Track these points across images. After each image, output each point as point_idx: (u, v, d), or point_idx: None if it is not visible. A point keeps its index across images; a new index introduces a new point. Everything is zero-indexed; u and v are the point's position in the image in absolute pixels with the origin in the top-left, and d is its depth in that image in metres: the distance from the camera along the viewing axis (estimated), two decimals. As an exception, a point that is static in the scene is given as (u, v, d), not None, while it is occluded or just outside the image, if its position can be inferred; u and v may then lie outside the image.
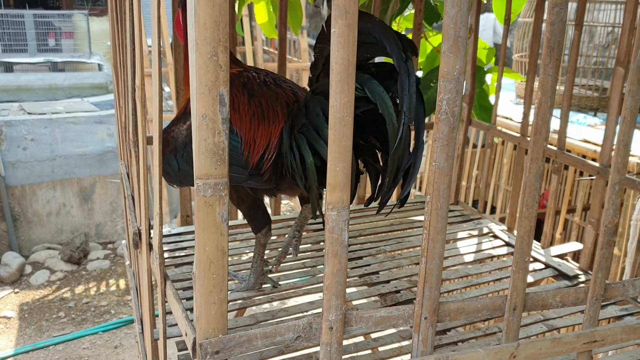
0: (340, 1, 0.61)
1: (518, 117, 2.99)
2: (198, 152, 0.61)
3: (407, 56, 0.87)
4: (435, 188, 0.70)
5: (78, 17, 8.90)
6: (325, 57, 1.02)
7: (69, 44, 8.81)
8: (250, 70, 1.16)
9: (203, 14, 0.57)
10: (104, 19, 9.41)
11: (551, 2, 0.67)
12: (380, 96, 0.91)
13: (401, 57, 0.87)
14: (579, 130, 2.82)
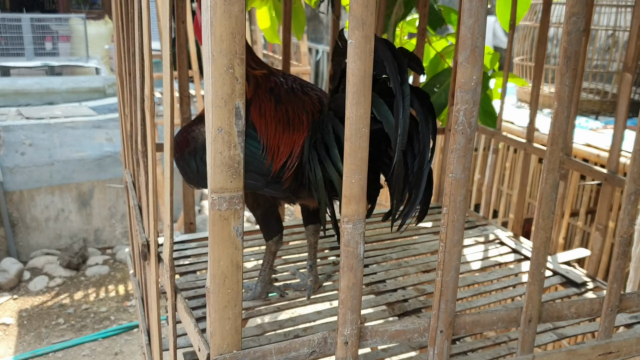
0: (357, 12, 0.60)
1: (520, 121, 2.98)
2: (213, 166, 0.60)
3: (404, 79, 0.86)
4: (452, 200, 0.69)
5: (75, 20, 8.88)
6: (342, 68, 1.01)
7: (66, 48, 8.79)
8: (277, 74, 1.15)
9: (219, 26, 0.56)
10: (101, 23, 9.39)
11: (568, 11, 0.66)
12: (385, 116, 0.90)
13: (397, 79, 0.86)
14: (581, 134, 2.81)
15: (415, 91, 0.92)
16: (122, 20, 1.13)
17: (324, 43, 8.63)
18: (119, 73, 1.18)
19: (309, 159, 1.04)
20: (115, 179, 4.69)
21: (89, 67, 7.94)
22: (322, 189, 1.02)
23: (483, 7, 0.63)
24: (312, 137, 1.05)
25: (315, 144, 1.03)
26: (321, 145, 1.02)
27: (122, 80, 1.19)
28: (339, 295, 0.68)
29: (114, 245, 4.74)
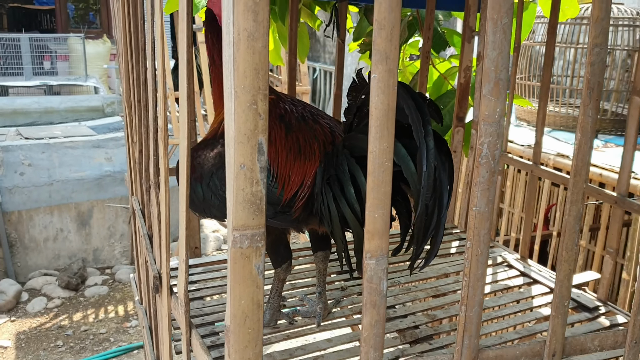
0: (380, 46, 0.59)
1: (520, 139, 2.98)
2: (235, 203, 0.58)
3: (427, 131, 0.85)
4: (476, 233, 0.67)
5: (74, 40, 8.90)
6: (357, 105, 1.00)
7: (65, 67, 8.80)
8: (286, 100, 1.14)
9: (243, 61, 0.55)
10: (99, 42, 9.42)
11: (591, 42, 0.66)
12: (404, 160, 0.89)
13: (420, 131, 0.84)
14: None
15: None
16: (131, 47, 1.12)
17: (321, 61, 8.67)
18: (127, 99, 1.17)
19: (322, 193, 1.03)
20: (115, 199, 4.67)
21: (88, 86, 7.95)
22: (338, 227, 1.01)
23: (507, 40, 0.62)
24: (324, 170, 1.04)
25: (329, 180, 1.02)
26: (335, 183, 1.00)
27: (130, 107, 1.18)
28: (361, 333, 0.66)
29: (113, 265, 4.70)
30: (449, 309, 1.38)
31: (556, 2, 1.46)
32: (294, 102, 1.17)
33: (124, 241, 4.78)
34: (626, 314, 1.34)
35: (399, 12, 0.58)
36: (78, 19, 12.99)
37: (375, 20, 0.58)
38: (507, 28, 0.62)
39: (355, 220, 0.99)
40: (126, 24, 1.13)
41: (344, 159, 0.98)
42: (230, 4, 0.54)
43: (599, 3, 0.65)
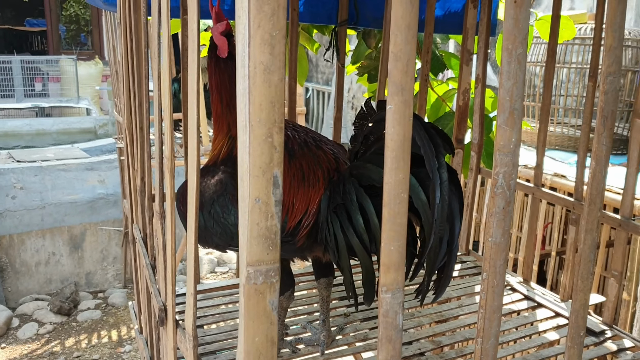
0: (396, 78, 0.58)
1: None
2: (250, 238, 0.57)
3: (441, 163, 0.84)
4: (492, 265, 0.66)
5: (66, 61, 8.90)
6: (364, 133, 1.00)
7: (57, 89, 8.79)
8: (288, 125, 1.13)
9: (259, 94, 0.54)
10: (91, 64, 9.42)
11: (605, 71, 0.66)
12: (414, 190, 0.88)
13: (434, 163, 0.84)
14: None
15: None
16: (133, 74, 1.11)
17: (314, 81, 8.72)
18: (128, 126, 1.16)
19: (328, 222, 1.01)
20: (108, 221, 4.63)
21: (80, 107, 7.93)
22: (346, 257, 0.99)
23: (522, 70, 0.62)
24: (330, 198, 1.02)
25: (335, 209, 1.00)
26: (342, 212, 0.99)
27: (131, 134, 1.16)
28: (377, 368, 0.64)
29: (106, 289, 4.65)
30: (453, 334, 1.36)
31: (555, 25, 1.47)
32: (296, 127, 1.16)
33: (117, 264, 4.73)
34: (633, 338, 1.33)
35: (414, 45, 0.58)
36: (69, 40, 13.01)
37: (392, 52, 0.58)
38: (522, 58, 0.62)
39: (363, 251, 0.97)
40: (128, 50, 1.12)
41: (351, 188, 0.97)
42: (246, 37, 0.54)
43: (612, 32, 0.65)
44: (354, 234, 0.97)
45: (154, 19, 0.81)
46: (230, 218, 1.07)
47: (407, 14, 0.57)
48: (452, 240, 0.89)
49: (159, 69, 0.80)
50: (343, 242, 0.99)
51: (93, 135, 6.59)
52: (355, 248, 0.98)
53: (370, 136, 0.98)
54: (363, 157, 1.00)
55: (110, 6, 1.40)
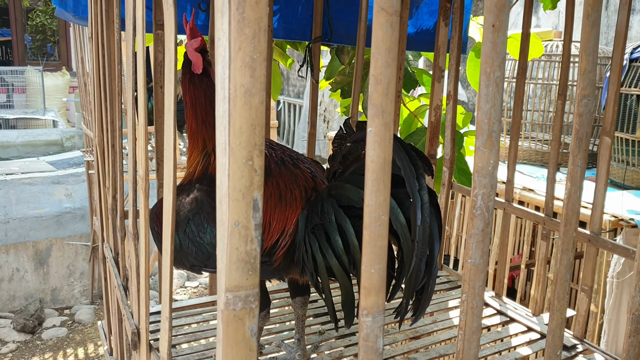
0: (377, 100, 0.58)
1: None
2: (229, 263, 0.56)
3: (422, 185, 0.84)
4: (471, 286, 0.66)
5: (31, 72, 8.72)
6: (342, 152, 0.99)
7: (22, 100, 8.59)
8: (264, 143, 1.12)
9: (239, 117, 0.53)
10: (58, 75, 9.25)
11: (579, 93, 0.67)
12: (393, 211, 0.88)
13: (415, 185, 0.84)
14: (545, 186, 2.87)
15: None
16: (105, 89, 1.09)
17: (285, 94, 8.73)
18: (99, 143, 1.14)
19: (305, 242, 1.00)
20: (75, 236, 4.52)
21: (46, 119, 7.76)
22: (325, 278, 0.98)
23: (499, 93, 0.63)
24: (308, 218, 1.01)
25: (314, 229, 1.00)
26: (321, 233, 0.98)
27: (102, 151, 1.14)
28: (357, 393, 0.63)
29: (72, 305, 4.53)
30: (428, 351, 1.36)
31: (525, 44, 1.50)
32: (272, 145, 1.15)
33: (84, 280, 4.62)
34: (603, 352, 1.35)
35: (395, 68, 0.58)
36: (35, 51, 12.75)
37: (372, 75, 0.58)
38: (499, 81, 0.62)
39: (342, 273, 0.97)
40: (100, 66, 1.10)
41: (330, 208, 0.96)
42: (227, 59, 0.53)
43: (586, 56, 0.66)
44: (332, 255, 0.96)
45: (129, 34, 0.80)
46: (206, 237, 1.06)
47: (388, 38, 0.57)
48: (432, 262, 0.89)
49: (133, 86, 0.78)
50: (322, 264, 0.98)
51: (60, 148, 6.45)
52: (334, 269, 0.97)
53: (348, 156, 0.98)
54: (341, 176, 1.00)
55: (81, 20, 1.38)
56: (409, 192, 0.86)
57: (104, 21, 1.03)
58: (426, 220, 0.84)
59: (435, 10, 1.77)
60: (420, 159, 0.90)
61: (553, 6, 1.54)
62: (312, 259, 1.01)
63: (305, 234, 1.03)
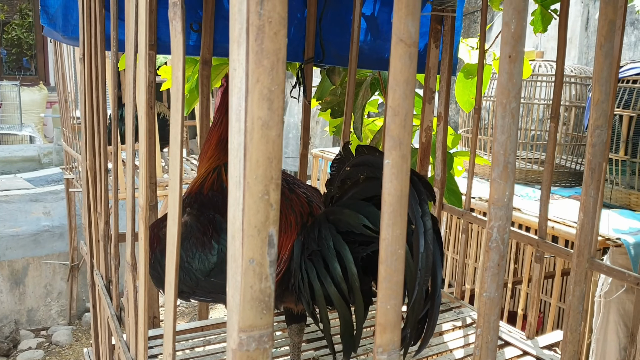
0: (394, 132, 0.57)
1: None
2: (242, 302, 0.53)
3: (424, 210, 0.83)
4: (486, 320, 0.65)
5: (8, 87, 8.58)
6: (341, 177, 0.98)
7: (-2, 115, 8.45)
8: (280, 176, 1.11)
9: (256, 150, 0.51)
10: (35, 90, 9.12)
11: (592, 124, 0.66)
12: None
13: (418, 211, 0.83)
14: (530, 205, 2.89)
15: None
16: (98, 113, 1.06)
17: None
18: (90, 167, 1.11)
19: (301, 269, 0.98)
20: (53, 255, 4.42)
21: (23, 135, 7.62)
22: (324, 307, 0.96)
23: (515, 124, 0.62)
24: (304, 244, 0.99)
25: (310, 256, 0.97)
26: (319, 259, 0.96)
27: (93, 175, 1.10)
28: None
29: (49, 326, 4.42)
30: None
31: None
32: None
33: (62, 300, 4.51)
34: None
35: (412, 100, 0.57)
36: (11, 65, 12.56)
37: (390, 106, 0.56)
38: (515, 112, 0.62)
39: (341, 301, 0.94)
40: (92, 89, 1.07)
41: (328, 234, 0.94)
42: (243, 91, 0.51)
43: (600, 86, 0.65)
44: (331, 283, 0.94)
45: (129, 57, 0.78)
46: (195, 263, 1.03)
47: (406, 69, 0.56)
48: (435, 289, 0.87)
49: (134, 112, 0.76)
50: (320, 292, 0.96)
51: (37, 164, 6.33)
52: (332, 297, 0.95)
53: (347, 180, 0.97)
54: (339, 201, 0.98)
55: (70, 40, 1.35)
56: (412, 218, 0.84)
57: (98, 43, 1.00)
58: (429, 247, 0.82)
59: (425, 32, 1.78)
60: (422, 184, 0.89)
61: (544, 29, 1.56)
62: (309, 286, 0.99)
63: (301, 261, 1.00)
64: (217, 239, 1.00)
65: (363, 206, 0.88)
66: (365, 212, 0.87)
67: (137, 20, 0.72)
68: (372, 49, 1.73)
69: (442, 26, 1.72)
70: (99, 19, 1.01)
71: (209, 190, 1.05)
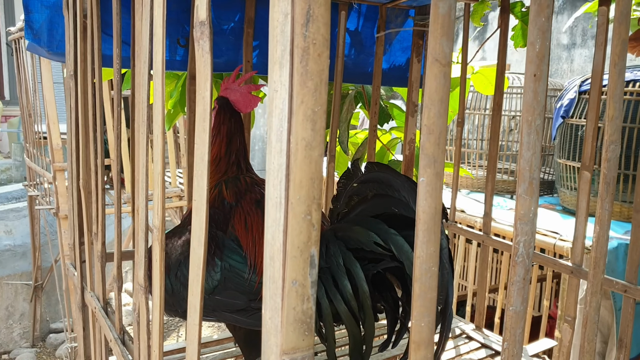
0: (429, 150, 0.57)
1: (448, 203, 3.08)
2: (285, 324, 0.53)
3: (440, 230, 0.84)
4: (512, 333, 0.66)
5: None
6: (348, 193, 0.98)
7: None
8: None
9: (299, 171, 0.51)
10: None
11: (607, 139, 0.68)
12: (408, 257, 0.87)
13: None
14: (503, 215, 2.95)
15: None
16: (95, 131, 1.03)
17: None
18: (84, 186, 1.07)
19: None
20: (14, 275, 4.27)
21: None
22: (331, 325, 0.95)
23: (539, 141, 0.63)
24: None
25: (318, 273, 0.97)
26: (327, 277, 0.95)
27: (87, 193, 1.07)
28: None
29: (11, 349, 4.26)
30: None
31: (500, 80, 1.54)
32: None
33: (25, 321, 4.36)
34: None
35: (446, 118, 0.57)
36: (-36, 79, 12.11)
37: (424, 125, 0.57)
38: (539, 129, 0.63)
39: (352, 319, 0.94)
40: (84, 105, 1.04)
41: (337, 251, 0.94)
42: (285, 112, 0.51)
43: (614, 103, 0.68)
44: (341, 301, 0.93)
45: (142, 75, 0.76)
46: None
47: (441, 88, 0.57)
48: (447, 308, 0.88)
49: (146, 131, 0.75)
50: (328, 310, 0.95)
51: (-5, 181, 6.12)
52: (342, 315, 0.94)
53: (354, 197, 0.97)
54: (346, 217, 0.98)
55: (55, 56, 1.31)
56: None
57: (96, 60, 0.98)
58: (445, 266, 0.83)
59: (407, 46, 1.80)
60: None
61: (524, 44, 1.60)
62: (317, 304, 0.98)
63: None
64: (220, 256, 0.98)
65: (373, 223, 0.88)
66: (376, 229, 0.88)
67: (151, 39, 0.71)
68: (355, 64, 1.74)
69: (424, 41, 1.75)
70: (97, 36, 0.99)
71: (210, 207, 1.04)
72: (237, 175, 1.12)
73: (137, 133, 0.78)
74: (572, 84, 2.78)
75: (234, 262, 1.02)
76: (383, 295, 0.99)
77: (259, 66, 1.56)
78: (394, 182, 0.89)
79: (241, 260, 1.02)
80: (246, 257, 1.02)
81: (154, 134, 0.71)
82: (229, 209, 1.07)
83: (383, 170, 0.92)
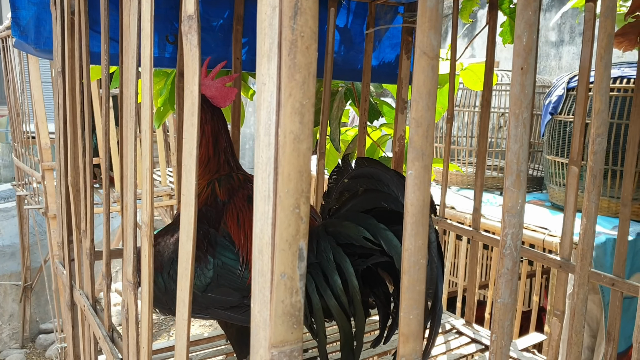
0: (417, 143, 0.57)
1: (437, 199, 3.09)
2: (274, 317, 0.53)
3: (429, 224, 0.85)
4: (500, 325, 0.66)
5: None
6: (339, 189, 0.98)
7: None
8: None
9: (288, 164, 0.51)
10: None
11: (593, 132, 0.69)
12: (397, 252, 0.87)
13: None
14: (492, 211, 2.97)
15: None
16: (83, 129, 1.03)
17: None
18: (73, 183, 1.07)
19: None
20: (3, 276, 4.24)
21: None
22: (322, 320, 0.95)
23: (527, 133, 0.64)
24: None
25: (309, 268, 0.97)
26: (318, 272, 0.95)
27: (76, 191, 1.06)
28: None
29: (0, 351, 4.22)
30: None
31: (489, 77, 1.55)
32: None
33: (14, 322, 4.33)
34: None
35: (434, 111, 0.58)
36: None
37: (413, 118, 0.57)
38: (527, 122, 0.63)
39: (342, 314, 0.94)
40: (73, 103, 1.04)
41: (327, 246, 0.94)
42: (273, 105, 0.51)
43: (600, 96, 0.68)
44: (331, 296, 0.93)
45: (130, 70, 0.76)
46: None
47: (429, 81, 0.57)
48: (437, 302, 0.88)
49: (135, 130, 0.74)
50: (318, 305, 0.95)
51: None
52: (332, 310, 0.94)
53: (345, 192, 0.97)
54: (337, 213, 0.98)
55: (42, 53, 1.30)
56: None
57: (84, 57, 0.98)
58: (434, 260, 0.83)
59: (397, 43, 1.81)
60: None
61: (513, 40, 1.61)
62: (307, 299, 0.98)
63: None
64: (213, 253, 0.98)
65: (363, 218, 0.89)
66: (366, 224, 0.88)
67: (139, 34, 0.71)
68: (345, 61, 1.74)
69: (413, 38, 1.75)
70: (84, 32, 0.98)
71: (203, 205, 1.04)
72: (229, 173, 1.12)
73: (124, 128, 0.78)
74: (560, 81, 2.80)
75: (227, 259, 1.02)
76: (374, 290, 1.00)
77: (248, 63, 1.56)
78: (384, 177, 0.89)
79: (233, 257, 1.01)
80: (238, 253, 1.02)
81: (142, 129, 0.71)
82: (222, 206, 1.07)
83: (373, 165, 0.92)
